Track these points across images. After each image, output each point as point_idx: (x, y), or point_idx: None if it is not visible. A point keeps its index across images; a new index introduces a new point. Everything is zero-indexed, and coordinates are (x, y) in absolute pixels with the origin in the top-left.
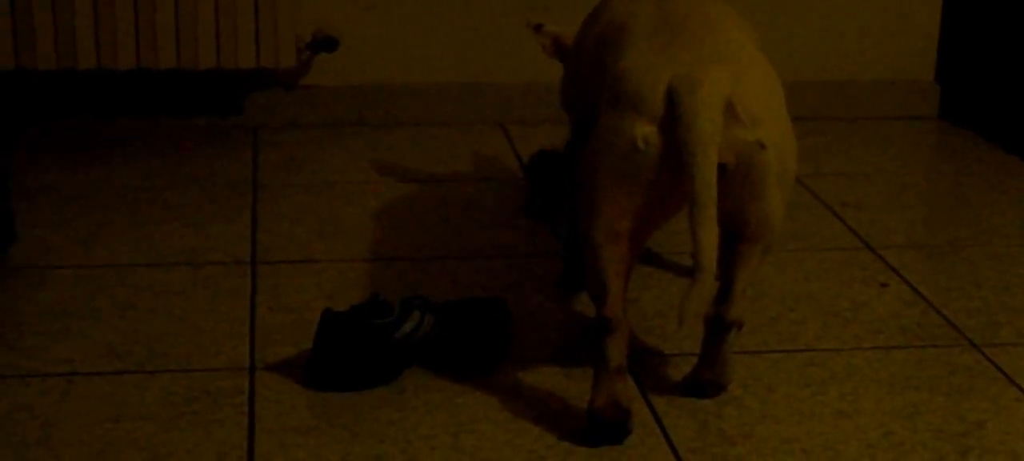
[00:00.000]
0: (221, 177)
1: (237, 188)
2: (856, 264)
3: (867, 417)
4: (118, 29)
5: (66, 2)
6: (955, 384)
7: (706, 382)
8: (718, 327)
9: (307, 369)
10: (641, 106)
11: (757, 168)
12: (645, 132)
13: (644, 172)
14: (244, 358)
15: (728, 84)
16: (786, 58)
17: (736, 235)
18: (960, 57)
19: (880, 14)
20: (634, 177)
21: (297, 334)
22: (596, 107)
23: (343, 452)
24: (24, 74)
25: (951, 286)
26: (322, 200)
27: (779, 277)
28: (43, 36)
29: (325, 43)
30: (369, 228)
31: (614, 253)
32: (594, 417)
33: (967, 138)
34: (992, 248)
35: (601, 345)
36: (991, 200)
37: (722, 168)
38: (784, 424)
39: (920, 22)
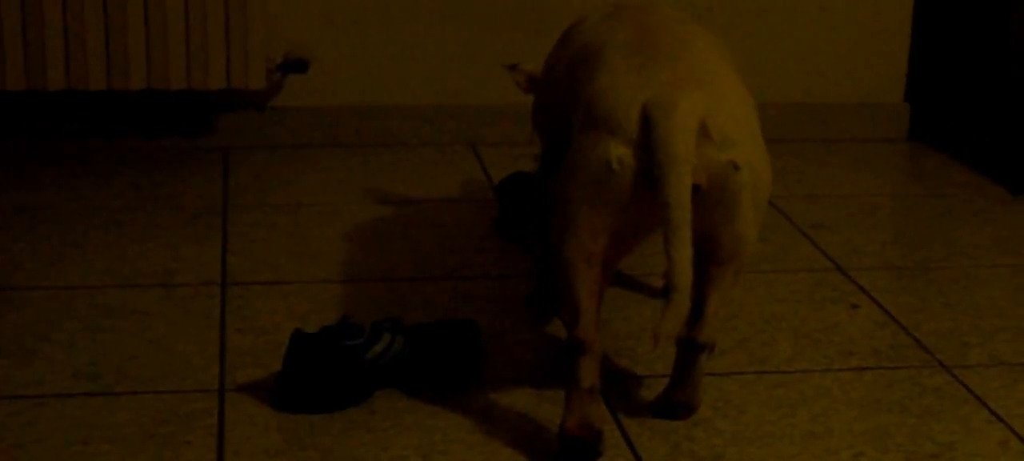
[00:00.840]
0: (191, 198)
1: (207, 209)
2: (827, 285)
3: (837, 439)
4: (88, 49)
5: (36, 22)
6: (925, 405)
7: (677, 404)
8: (690, 349)
9: (276, 390)
10: (616, 128)
11: (730, 189)
12: (619, 154)
13: (618, 193)
14: (214, 380)
15: (703, 106)
16: (757, 80)
17: (709, 256)
18: (930, 79)
19: (850, 36)
20: (608, 198)
21: (267, 356)
22: (569, 129)
23: None
24: None
25: (922, 307)
26: (293, 221)
27: (750, 298)
28: (13, 56)
29: (296, 64)
30: (340, 249)
31: (587, 274)
32: (565, 438)
33: (938, 159)
34: (963, 269)
35: (573, 366)
36: (962, 221)
37: (696, 189)
38: (755, 446)
39: (890, 44)
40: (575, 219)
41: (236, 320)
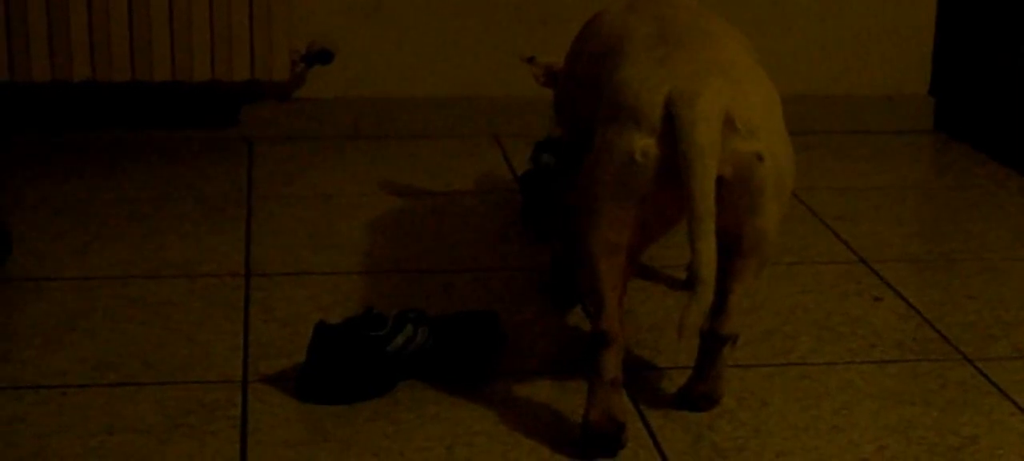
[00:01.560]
0: (216, 189)
1: (231, 200)
2: (850, 278)
3: (861, 431)
4: (113, 41)
5: (61, 14)
6: (949, 398)
7: (700, 395)
8: (713, 341)
9: (299, 381)
10: (640, 119)
11: (755, 180)
12: (643, 145)
13: (642, 185)
14: (237, 371)
15: (727, 96)
16: (781, 72)
17: (732, 249)
18: (955, 70)
19: (875, 28)
20: (632, 190)
21: (291, 347)
22: (592, 122)
23: None
24: (19, 86)
25: (945, 300)
26: (316, 212)
27: (773, 291)
28: (38, 48)
29: (320, 55)
30: (363, 240)
31: (611, 266)
32: (589, 430)
33: (962, 151)
34: (986, 261)
35: (597, 358)
36: (986, 213)
37: (720, 180)
38: (777, 438)
39: (915, 35)
40: (599, 211)
41: (260, 311)
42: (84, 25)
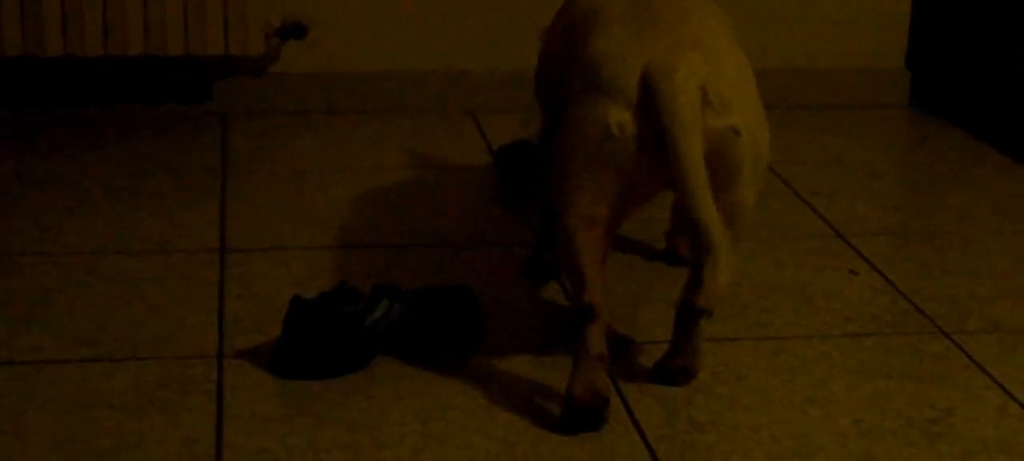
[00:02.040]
0: (190, 164)
1: (206, 175)
2: (826, 252)
3: (837, 405)
4: (86, 15)
5: None
6: (925, 371)
7: (677, 369)
8: (689, 314)
9: (274, 356)
10: (615, 92)
11: (731, 155)
12: (620, 119)
13: (619, 158)
14: (213, 346)
15: (702, 70)
16: (756, 46)
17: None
18: (931, 44)
19: (850, 2)
20: (608, 164)
21: (266, 322)
22: (566, 95)
23: (311, 439)
24: None
25: (921, 273)
26: (292, 187)
27: (749, 265)
28: (9, 22)
29: (294, 30)
30: (339, 215)
31: (590, 240)
32: (572, 405)
33: (938, 125)
34: (962, 235)
35: (582, 334)
36: (961, 187)
37: None
38: (754, 412)
39: (890, 9)
40: (576, 185)
41: (235, 286)
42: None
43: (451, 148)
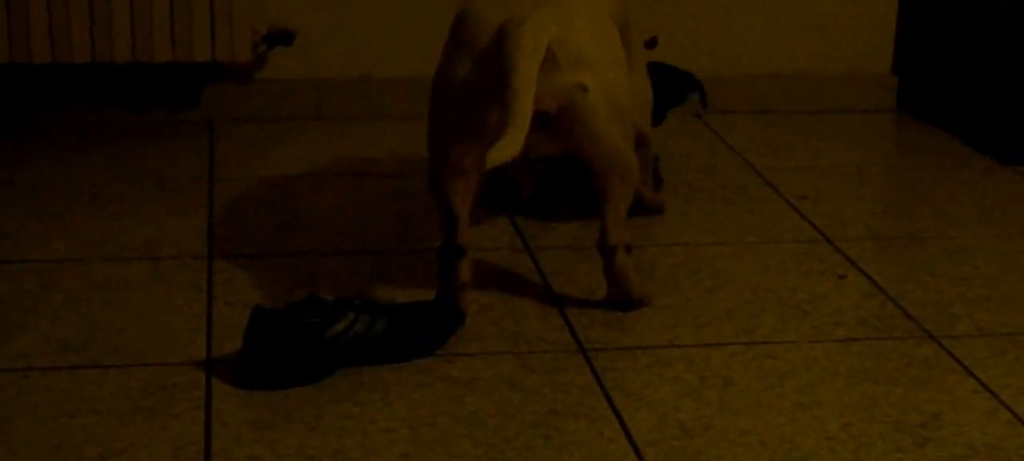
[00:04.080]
0: (177, 171)
1: (193, 182)
2: (814, 256)
3: (825, 409)
4: (73, 22)
5: None
6: (913, 376)
7: (615, 301)
8: (603, 252)
9: (236, 367)
10: (468, 46)
11: (581, 109)
12: (467, 69)
13: (471, 108)
14: (201, 352)
15: (553, 29)
16: (744, 51)
17: (593, 172)
18: (917, 49)
19: (838, 7)
20: (465, 113)
21: None
22: None
23: (300, 446)
24: None
25: (909, 278)
26: (278, 193)
27: (737, 270)
28: None
29: (281, 36)
30: (326, 222)
31: (459, 186)
32: (435, 303)
33: (925, 130)
34: (949, 240)
35: (452, 269)
36: (948, 192)
37: (547, 113)
38: (742, 416)
39: (877, 14)
40: (443, 135)
41: (222, 292)
42: (44, 6)
43: None
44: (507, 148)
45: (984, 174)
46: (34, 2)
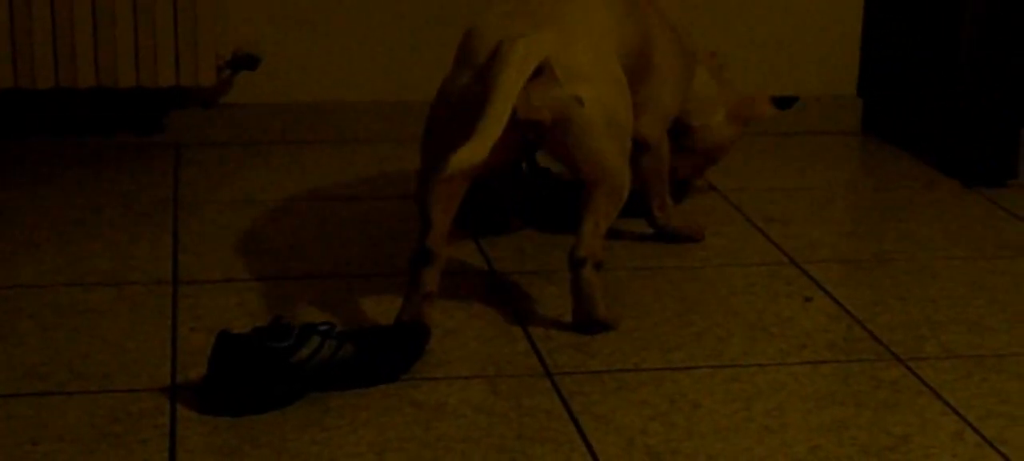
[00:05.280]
0: (142, 196)
1: (158, 207)
2: (781, 279)
3: (793, 432)
4: (36, 48)
5: None
6: (881, 398)
7: (580, 320)
8: (571, 264)
9: (200, 392)
10: (468, 62)
11: (575, 121)
12: (465, 83)
13: (466, 120)
14: (166, 378)
15: (549, 44)
16: None
17: (583, 184)
18: (882, 71)
19: (803, 29)
20: (460, 124)
21: None
22: None
23: None
24: None
25: (876, 300)
26: (244, 218)
27: (704, 292)
28: None
29: (246, 61)
30: (292, 247)
31: (443, 193)
32: (401, 324)
33: (890, 152)
34: (916, 261)
35: (418, 273)
36: (914, 213)
37: (541, 124)
38: (710, 440)
39: (842, 36)
40: (436, 142)
41: (188, 318)
42: (6, 31)
43: (405, 177)
44: (471, 153)
45: (950, 195)
46: None
